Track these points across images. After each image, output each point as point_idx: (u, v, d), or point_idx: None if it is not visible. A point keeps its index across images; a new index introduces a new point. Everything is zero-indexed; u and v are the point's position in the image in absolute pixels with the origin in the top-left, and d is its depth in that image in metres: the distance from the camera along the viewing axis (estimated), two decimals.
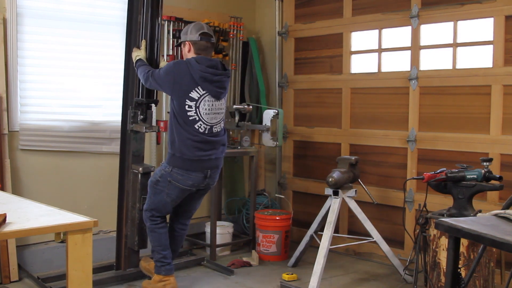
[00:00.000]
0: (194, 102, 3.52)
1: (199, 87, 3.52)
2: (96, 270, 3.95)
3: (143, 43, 3.85)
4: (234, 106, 4.63)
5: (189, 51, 3.66)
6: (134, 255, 4.04)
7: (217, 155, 3.66)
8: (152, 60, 3.87)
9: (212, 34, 3.70)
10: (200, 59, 3.57)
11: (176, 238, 3.92)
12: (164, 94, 4.59)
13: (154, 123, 4.39)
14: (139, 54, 3.83)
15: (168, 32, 4.77)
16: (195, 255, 4.61)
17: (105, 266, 4.12)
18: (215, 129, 3.63)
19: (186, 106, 3.52)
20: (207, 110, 3.56)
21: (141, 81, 3.74)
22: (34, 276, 3.89)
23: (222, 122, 3.71)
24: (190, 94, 3.51)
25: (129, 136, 3.94)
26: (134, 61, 3.83)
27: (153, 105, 4.03)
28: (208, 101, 3.56)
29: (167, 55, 4.75)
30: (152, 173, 3.89)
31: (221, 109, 3.66)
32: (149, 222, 3.74)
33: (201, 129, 3.56)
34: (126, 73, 4.00)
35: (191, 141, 3.54)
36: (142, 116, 3.91)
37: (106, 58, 4.58)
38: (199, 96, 3.53)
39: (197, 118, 3.54)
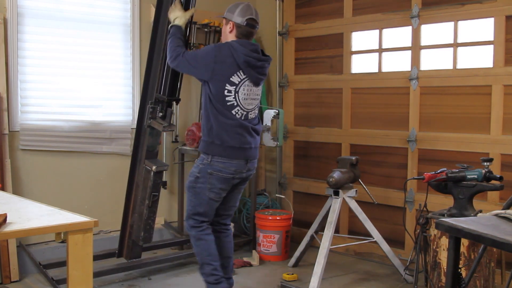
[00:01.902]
0: (234, 87, 3.30)
1: (241, 71, 3.30)
2: (97, 257, 3.97)
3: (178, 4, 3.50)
4: None
5: (230, 31, 3.40)
6: (137, 247, 4.01)
7: (255, 144, 3.45)
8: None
9: (258, 21, 3.45)
10: (243, 42, 3.35)
11: (225, 244, 3.56)
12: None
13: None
14: (178, 16, 3.47)
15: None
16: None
17: (107, 254, 4.13)
18: (251, 115, 3.42)
19: (226, 91, 3.29)
20: (245, 95, 3.35)
21: (167, 56, 3.45)
22: (36, 262, 3.87)
23: (257, 109, 3.49)
24: (231, 78, 3.28)
25: (144, 129, 3.84)
26: (171, 24, 3.48)
27: (174, 103, 3.86)
28: (247, 85, 3.35)
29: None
30: (164, 172, 3.82)
31: (257, 95, 3.45)
32: (194, 230, 3.41)
33: (238, 115, 3.33)
34: (149, 65, 3.87)
35: (230, 126, 3.31)
36: (161, 114, 3.75)
37: (106, 58, 4.58)
38: (239, 80, 3.31)
39: (235, 104, 3.32)
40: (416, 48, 4.37)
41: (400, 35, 4.50)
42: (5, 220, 2.05)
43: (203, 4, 5.15)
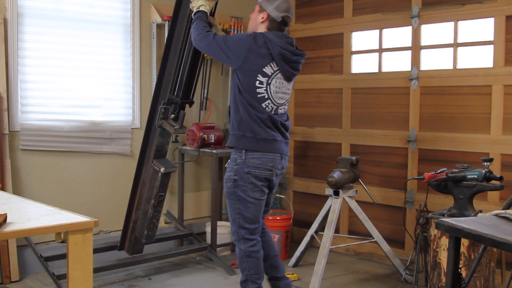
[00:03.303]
0: (267, 78, 3.15)
1: (274, 63, 3.16)
2: (99, 250, 3.98)
3: None
4: None
5: (262, 22, 3.24)
6: (139, 243, 4.01)
7: (286, 139, 3.30)
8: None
9: (292, 19, 3.32)
10: (278, 34, 3.20)
11: (266, 244, 3.35)
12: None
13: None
14: (203, 4, 3.33)
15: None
16: (199, 242, 4.60)
17: (108, 247, 4.13)
18: (280, 110, 3.26)
19: (257, 82, 3.14)
20: (277, 88, 3.20)
21: (192, 37, 3.30)
22: (37, 254, 3.86)
23: (287, 104, 3.34)
24: (264, 69, 3.14)
25: (154, 128, 3.80)
26: (195, 10, 3.35)
27: (187, 105, 3.77)
28: (279, 78, 3.20)
29: None
30: (172, 173, 3.79)
31: (288, 89, 3.30)
32: (244, 244, 3.19)
33: (268, 108, 3.18)
34: (163, 64, 3.80)
35: (261, 119, 3.15)
36: (173, 115, 3.69)
37: (106, 58, 4.58)
38: (272, 72, 3.17)
39: (266, 96, 3.16)
40: (416, 48, 4.37)
41: (400, 35, 4.50)
42: (5, 220, 2.05)
43: None
